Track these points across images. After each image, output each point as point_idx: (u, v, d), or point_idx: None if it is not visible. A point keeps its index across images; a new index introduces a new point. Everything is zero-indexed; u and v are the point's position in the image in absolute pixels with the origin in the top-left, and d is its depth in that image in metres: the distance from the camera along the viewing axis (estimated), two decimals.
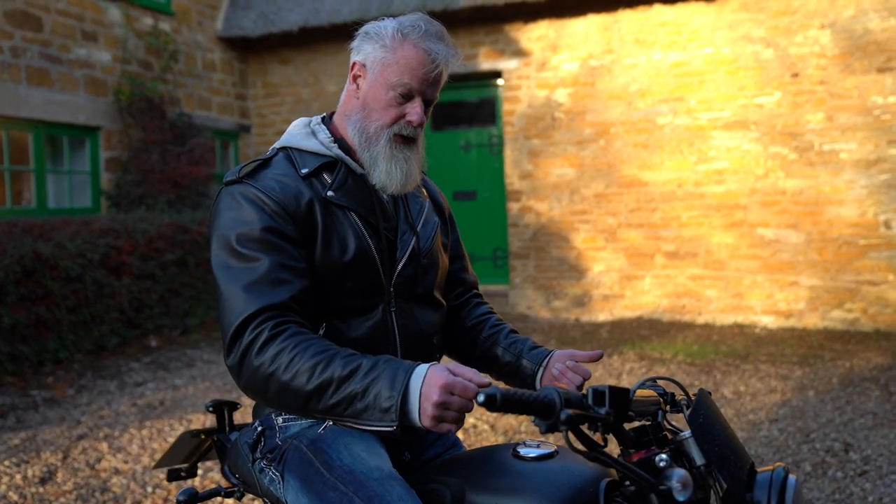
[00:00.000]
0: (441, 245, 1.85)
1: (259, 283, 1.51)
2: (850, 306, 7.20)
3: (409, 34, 1.61)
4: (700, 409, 1.37)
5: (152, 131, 8.00)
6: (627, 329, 7.44)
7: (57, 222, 6.40)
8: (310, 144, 1.70)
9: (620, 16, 7.94)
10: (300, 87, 9.45)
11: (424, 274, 1.75)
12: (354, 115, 1.69)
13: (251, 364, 1.48)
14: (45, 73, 7.20)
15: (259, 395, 1.52)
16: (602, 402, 1.27)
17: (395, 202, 1.76)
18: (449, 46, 1.64)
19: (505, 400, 1.19)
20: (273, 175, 1.63)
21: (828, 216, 7.25)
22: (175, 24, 8.67)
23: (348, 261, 1.62)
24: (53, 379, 5.74)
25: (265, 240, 1.55)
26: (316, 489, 1.52)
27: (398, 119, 1.65)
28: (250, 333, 1.48)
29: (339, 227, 1.63)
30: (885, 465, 3.75)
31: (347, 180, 1.68)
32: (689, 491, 1.29)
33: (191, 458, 2.02)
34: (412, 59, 1.60)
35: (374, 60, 1.64)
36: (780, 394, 5.07)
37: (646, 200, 7.91)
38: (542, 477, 1.47)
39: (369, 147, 1.66)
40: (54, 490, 3.68)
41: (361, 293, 1.65)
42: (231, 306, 1.51)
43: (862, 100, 7.08)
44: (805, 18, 7.27)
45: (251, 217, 1.56)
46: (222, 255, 1.56)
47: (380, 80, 1.63)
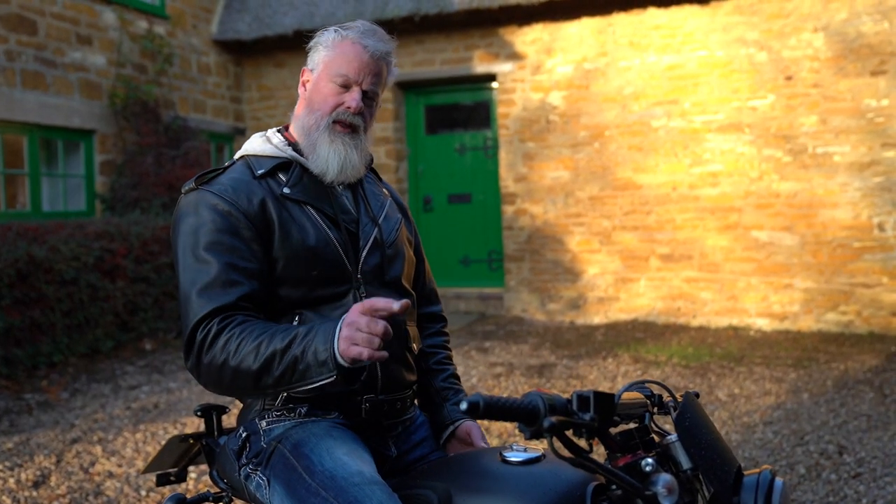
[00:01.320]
0: (406, 240, 1.91)
1: (210, 287, 1.58)
2: (845, 309, 7.22)
3: (348, 35, 1.77)
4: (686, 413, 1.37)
5: (147, 134, 7.99)
6: (622, 331, 7.44)
7: (51, 226, 6.39)
8: (265, 149, 1.79)
9: (614, 19, 7.96)
10: (295, 90, 9.36)
11: (391, 263, 1.81)
12: (302, 115, 1.81)
13: (204, 360, 1.55)
14: (39, 77, 7.19)
15: (217, 386, 1.58)
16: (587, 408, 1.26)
17: (355, 198, 1.83)
18: (384, 42, 1.78)
19: (488, 407, 1.19)
20: (227, 178, 1.72)
21: (822, 219, 7.27)
22: (169, 28, 8.66)
23: (310, 248, 1.68)
24: (47, 382, 5.73)
25: (219, 241, 1.62)
26: (298, 495, 1.54)
27: (337, 106, 1.75)
28: (201, 333, 1.56)
29: (296, 219, 1.70)
30: (879, 467, 3.76)
31: (303, 178, 1.76)
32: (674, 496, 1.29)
33: (180, 462, 2.03)
34: (349, 52, 1.75)
35: (318, 61, 1.79)
36: (775, 396, 5.08)
37: (640, 203, 7.92)
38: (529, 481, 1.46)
39: (309, 135, 1.76)
40: (48, 494, 3.66)
41: (329, 281, 1.70)
42: (186, 310, 1.59)
43: (855, 103, 7.11)
44: (798, 21, 7.29)
45: (205, 220, 1.64)
46: (180, 260, 1.65)
47: (322, 76, 1.77)
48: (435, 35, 8.64)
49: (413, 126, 9.11)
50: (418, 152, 9.10)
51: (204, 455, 1.99)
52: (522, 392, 5.26)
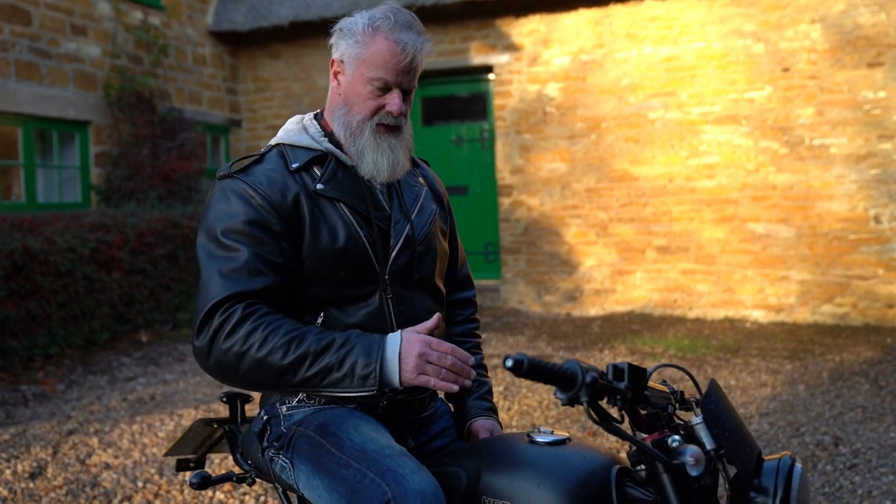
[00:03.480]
0: (439, 231, 1.88)
1: (236, 272, 1.56)
2: (841, 301, 7.24)
3: (380, 27, 1.65)
4: (711, 396, 1.42)
5: (142, 126, 7.96)
6: (619, 323, 7.45)
7: (46, 217, 6.37)
8: (301, 139, 1.74)
9: (611, 10, 7.94)
10: (291, 81, 9.42)
11: (420, 261, 1.78)
12: (338, 111, 1.74)
13: (220, 346, 1.52)
14: (34, 68, 7.15)
15: (229, 374, 1.55)
16: (621, 378, 1.35)
17: (389, 192, 1.79)
18: (419, 34, 1.68)
19: (531, 367, 1.26)
20: (263, 170, 1.68)
21: (818, 211, 7.28)
22: (165, 19, 8.62)
23: (339, 249, 1.66)
24: (43, 374, 5.72)
25: (248, 232, 1.60)
26: (328, 469, 1.56)
27: (378, 110, 1.70)
28: (220, 315, 1.53)
29: (328, 218, 1.67)
30: (875, 458, 3.77)
31: (337, 173, 1.72)
32: (701, 466, 1.34)
33: (200, 448, 2.06)
34: (384, 51, 1.65)
35: (350, 56, 1.69)
36: (771, 388, 5.10)
37: (637, 195, 7.92)
38: (556, 461, 1.51)
39: (355, 140, 1.71)
40: (44, 485, 3.66)
41: (356, 282, 1.69)
42: (206, 290, 1.57)
43: (852, 94, 7.11)
44: (796, 13, 7.28)
45: (237, 210, 1.62)
46: (206, 245, 1.63)
47: (357, 76, 1.69)
48: (431, 26, 8.61)
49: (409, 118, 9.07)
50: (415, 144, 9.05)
51: (227, 441, 2.03)
52: (519, 383, 5.27)
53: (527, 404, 4.81)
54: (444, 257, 1.89)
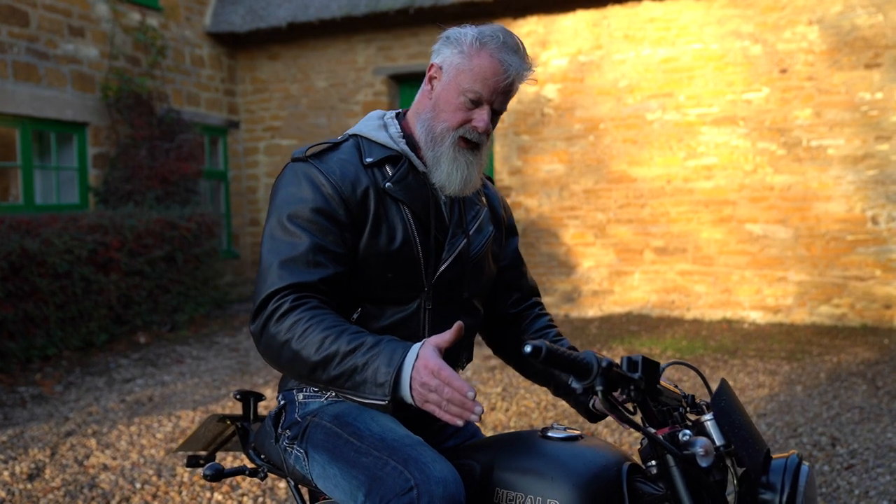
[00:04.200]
0: (491, 254, 1.88)
1: (295, 262, 1.59)
2: (838, 301, 7.25)
3: (487, 43, 1.66)
4: (722, 395, 1.44)
5: (140, 127, 7.96)
6: (617, 325, 7.46)
7: (44, 219, 6.37)
8: (379, 136, 1.75)
9: (609, 12, 7.95)
10: (289, 82, 9.42)
11: (466, 280, 1.78)
12: (425, 114, 1.74)
13: (269, 331, 1.56)
14: (31, 69, 7.15)
15: (273, 360, 1.59)
16: (635, 369, 1.40)
17: (452, 205, 1.79)
18: (523, 60, 1.69)
19: (549, 353, 1.29)
20: (337, 159, 1.70)
21: (816, 212, 7.29)
22: (163, 20, 8.62)
23: (393, 251, 1.67)
24: (41, 375, 5.71)
25: (313, 220, 1.62)
26: (346, 457, 1.57)
27: (464, 123, 1.69)
28: (274, 304, 1.57)
29: (389, 219, 1.68)
30: (872, 458, 3.78)
31: (408, 176, 1.72)
32: (710, 458, 1.37)
33: (211, 445, 2.09)
34: (486, 67, 1.65)
35: (451, 65, 1.69)
36: (768, 388, 5.10)
37: (635, 196, 7.93)
38: (570, 455, 1.54)
39: (434, 147, 1.71)
40: (42, 487, 3.66)
41: (401, 286, 1.70)
42: (265, 277, 1.60)
43: (849, 95, 7.12)
44: (793, 14, 7.30)
45: (306, 196, 1.64)
46: (271, 226, 1.65)
47: (452, 84, 1.68)
48: (430, 27, 8.62)
49: None
50: None
51: (238, 437, 2.05)
52: (517, 384, 5.28)
53: (525, 405, 4.81)
54: (490, 280, 1.89)
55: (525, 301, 2.02)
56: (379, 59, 8.94)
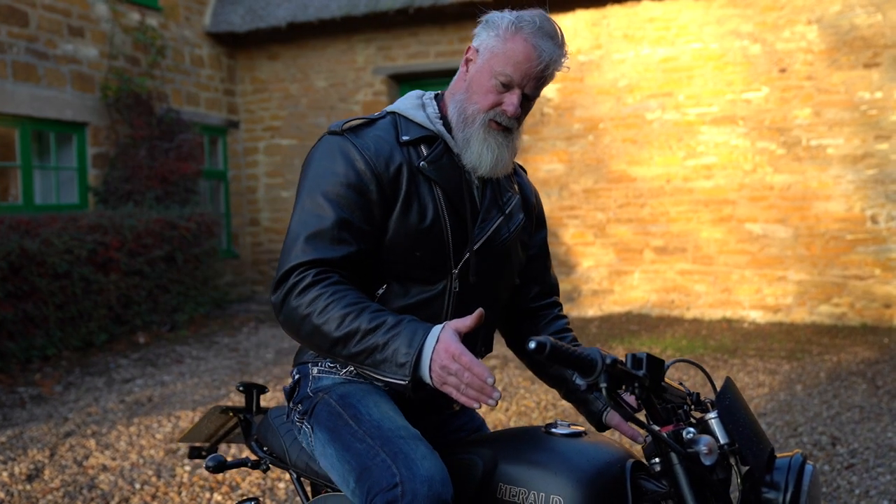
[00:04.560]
0: (520, 242, 1.87)
1: (320, 237, 1.60)
2: (838, 301, 7.25)
3: (523, 28, 1.66)
4: (726, 393, 1.44)
5: (140, 127, 7.95)
6: (617, 324, 7.46)
7: (44, 219, 6.36)
8: (417, 115, 1.75)
9: (609, 11, 7.95)
10: (288, 82, 9.42)
11: (491, 266, 1.78)
12: (458, 95, 1.75)
13: (290, 303, 1.58)
14: (31, 69, 7.15)
15: (294, 331, 1.61)
16: (640, 367, 1.39)
17: (484, 190, 1.79)
18: (558, 46, 1.69)
19: (553, 350, 1.29)
20: (373, 135, 1.70)
21: (815, 211, 7.29)
22: (162, 20, 8.62)
23: (423, 229, 1.67)
24: (41, 376, 5.71)
25: (344, 195, 1.63)
26: (343, 439, 1.59)
27: (495, 106, 1.69)
28: (296, 276, 1.58)
29: (421, 197, 1.68)
30: (872, 458, 3.78)
31: (443, 157, 1.72)
32: (714, 456, 1.37)
33: (213, 437, 2.10)
34: (519, 52, 1.65)
35: (486, 47, 1.70)
36: (768, 388, 5.10)
37: (634, 196, 7.93)
38: (573, 452, 1.54)
39: (465, 128, 1.72)
40: (41, 487, 3.66)
41: (428, 266, 1.70)
42: (289, 249, 1.62)
43: (849, 95, 7.12)
44: (792, 14, 7.29)
45: (339, 170, 1.65)
46: (302, 198, 1.66)
47: (486, 67, 1.69)
48: (429, 27, 8.61)
49: None
50: None
51: (241, 429, 2.06)
52: (517, 384, 5.28)
53: (525, 405, 4.81)
54: (517, 268, 1.89)
55: (545, 297, 2.01)
56: (378, 59, 8.94)
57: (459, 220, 1.72)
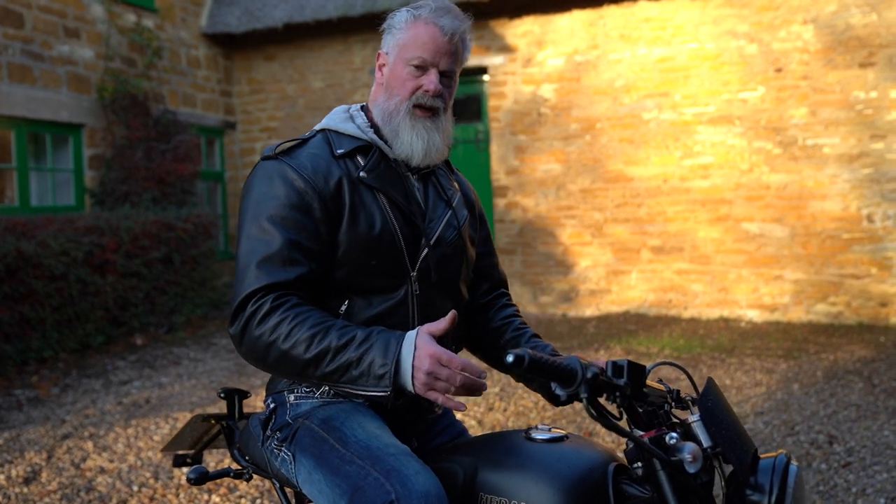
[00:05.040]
0: (469, 238, 1.88)
1: (271, 261, 1.59)
2: (834, 300, 7.26)
3: (421, 14, 1.72)
4: (708, 395, 1.43)
5: (136, 128, 7.94)
6: (614, 324, 7.46)
7: (40, 220, 6.35)
8: (347, 128, 1.77)
9: (605, 11, 7.96)
10: (285, 83, 9.41)
11: (448, 262, 1.79)
12: (380, 99, 1.78)
13: (252, 333, 1.56)
14: (27, 71, 7.14)
15: (259, 360, 1.59)
16: (621, 375, 1.36)
17: (426, 191, 1.80)
18: (458, 18, 1.73)
19: (532, 362, 1.27)
20: (307, 153, 1.70)
21: (812, 210, 7.30)
22: (158, 21, 8.61)
23: (374, 237, 1.67)
24: (38, 378, 5.70)
25: (288, 217, 1.62)
26: (331, 464, 1.56)
27: (415, 90, 1.72)
28: (252, 305, 1.57)
29: (367, 206, 1.69)
30: (869, 456, 3.78)
31: (381, 164, 1.74)
32: (698, 463, 1.36)
33: (197, 444, 2.07)
34: (423, 34, 1.70)
35: (392, 45, 1.75)
36: (766, 387, 5.11)
37: (632, 195, 7.94)
38: (554, 458, 1.52)
39: (391, 120, 1.74)
40: (39, 490, 3.65)
41: (385, 273, 1.69)
42: (242, 279, 1.61)
43: (844, 94, 7.13)
44: (788, 14, 7.31)
45: (280, 193, 1.64)
46: (246, 226, 1.65)
47: (398, 60, 1.73)
48: None
49: None
50: None
51: (224, 436, 2.03)
52: (515, 385, 5.28)
53: (523, 405, 4.81)
54: (471, 264, 1.90)
55: (494, 291, 2.02)
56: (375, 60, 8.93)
57: (408, 223, 1.72)
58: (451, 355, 1.43)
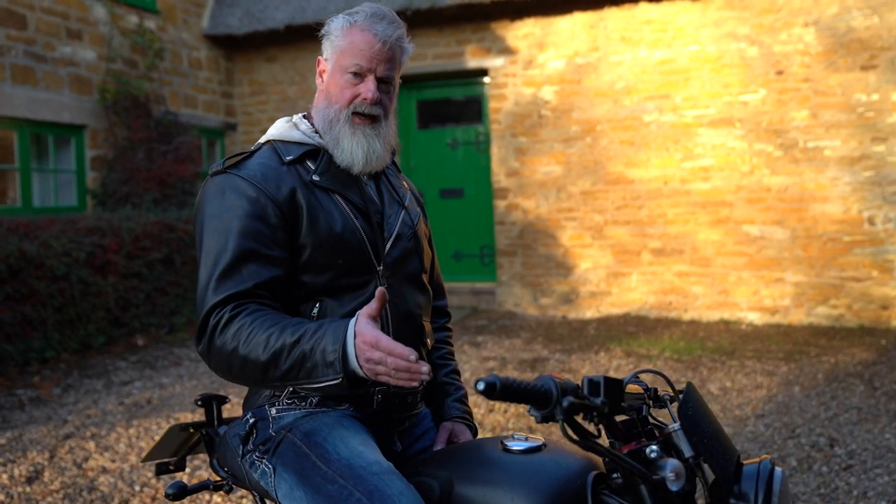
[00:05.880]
0: (424, 233, 1.92)
1: (228, 274, 1.59)
2: (835, 302, 7.26)
3: (357, 21, 1.74)
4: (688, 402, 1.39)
5: (138, 130, 7.95)
6: (614, 326, 7.47)
7: (42, 221, 6.36)
8: (293, 135, 1.78)
9: (606, 13, 7.97)
10: (286, 85, 9.43)
11: (411, 255, 1.81)
12: (321, 106, 1.80)
13: (215, 344, 1.56)
14: (29, 72, 7.15)
15: (226, 371, 1.58)
16: (597, 392, 1.29)
17: (378, 189, 1.83)
18: (391, 23, 1.76)
19: (504, 388, 1.22)
20: (256, 163, 1.71)
21: (812, 213, 7.31)
22: (160, 22, 8.62)
23: (337, 235, 1.68)
24: (39, 378, 5.71)
25: (244, 226, 1.62)
26: (313, 482, 1.53)
27: (354, 98, 1.74)
28: (214, 319, 1.57)
29: (325, 207, 1.70)
30: (870, 459, 3.79)
31: (331, 167, 1.76)
32: (682, 481, 1.31)
33: (179, 451, 2.03)
34: (359, 41, 1.72)
35: (331, 52, 1.78)
36: (766, 389, 5.11)
37: (632, 198, 7.94)
38: (531, 469, 1.48)
39: (332, 128, 1.75)
40: (41, 489, 3.66)
41: (353, 271, 1.70)
42: (202, 296, 1.60)
43: (846, 97, 7.14)
44: (789, 16, 7.32)
45: (233, 204, 1.64)
46: (203, 242, 1.65)
47: (336, 68, 1.76)
48: (427, 29, 8.63)
49: (405, 121, 9.10)
50: (410, 147, 9.09)
51: (204, 444, 1.99)
52: None
53: (523, 406, 4.81)
54: (429, 258, 1.94)
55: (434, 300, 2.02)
56: None
57: (367, 221, 1.74)
58: (379, 337, 1.39)
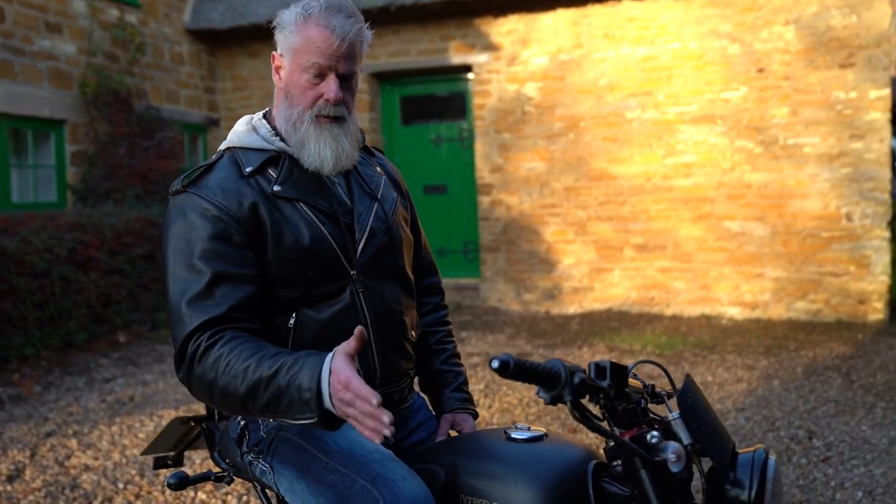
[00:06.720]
0: (402, 220, 1.86)
1: (200, 298, 1.54)
2: (814, 297, 7.35)
3: (312, 14, 1.63)
4: (688, 392, 1.44)
5: (119, 125, 7.89)
6: (597, 321, 7.52)
7: (22, 217, 6.30)
8: (252, 141, 1.71)
9: (590, 10, 8.00)
10: (269, 80, 9.33)
11: (386, 252, 1.76)
12: (281, 105, 1.72)
13: (195, 374, 1.52)
14: (7, 66, 7.07)
15: (208, 399, 1.55)
16: (603, 376, 1.37)
17: (348, 184, 1.77)
18: (350, 16, 1.65)
19: (517, 367, 1.27)
20: (216, 179, 1.64)
21: (792, 209, 7.39)
22: (141, 16, 8.55)
23: (304, 249, 1.63)
24: (20, 376, 5.66)
25: (209, 249, 1.57)
26: (314, 474, 1.54)
27: (316, 100, 1.66)
28: (192, 347, 1.52)
29: (289, 219, 1.64)
30: (847, 451, 3.85)
31: (293, 172, 1.69)
32: (682, 463, 1.37)
33: (178, 445, 2.04)
34: (316, 37, 1.62)
35: (286, 48, 1.67)
36: (746, 383, 5.17)
37: (615, 194, 7.99)
38: (533, 457, 1.53)
39: (296, 131, 1.68)
40: (23, 488, 3.63)
41: (326, 279, 1.66)
42: (176, 323, 1.55)
43: (825, 95, 7.22)
44: (770, 14, 7.38)
45: (195, 226, 1.59)
46: (170, 267, 1.60)
47: (293, 66, 1.66)
48: (411, 25, 8.62)
49: (388, 117, 9.09)
50: (394, 143, 9.09)
51: (204, 438, 2.00)
52: (499, 382, 5.30)
53: (507, 402, 4.84)
54: (410, 245, 1.88)
55: (424, 278, 2.00)
56: None
57: (336, 225, 1.69)
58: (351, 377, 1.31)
